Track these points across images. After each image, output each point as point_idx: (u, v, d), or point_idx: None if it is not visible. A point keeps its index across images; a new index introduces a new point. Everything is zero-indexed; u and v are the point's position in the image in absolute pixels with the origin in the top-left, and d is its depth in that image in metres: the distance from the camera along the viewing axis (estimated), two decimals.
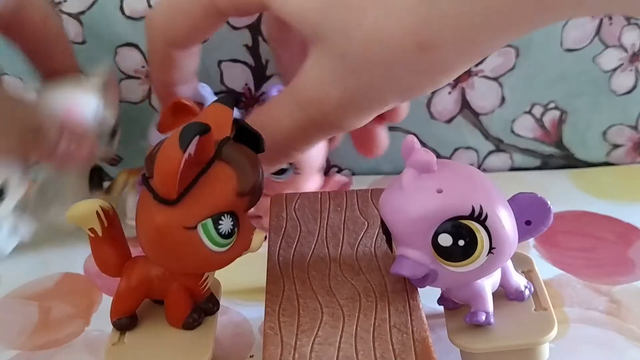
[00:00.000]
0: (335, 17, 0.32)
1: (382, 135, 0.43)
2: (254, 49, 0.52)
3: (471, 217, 0.31)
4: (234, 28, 0.51)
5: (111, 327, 0.35)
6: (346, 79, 0.33)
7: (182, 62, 0.41)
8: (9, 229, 0.46)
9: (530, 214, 0.33)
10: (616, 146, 0.55)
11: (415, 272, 0.32)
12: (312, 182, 0.49)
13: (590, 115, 0.54)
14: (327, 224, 0.40)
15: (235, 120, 0.34)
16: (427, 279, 0.33)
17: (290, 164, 0.46)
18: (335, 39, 0.33)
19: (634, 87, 0.53)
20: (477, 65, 0.51)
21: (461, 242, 0.31)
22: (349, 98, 0.33)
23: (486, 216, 0.31)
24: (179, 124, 0.36)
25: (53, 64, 0.47)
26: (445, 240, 0.31)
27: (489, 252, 0.32)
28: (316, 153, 0.47)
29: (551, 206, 0.34)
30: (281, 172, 0.46)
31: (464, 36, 0.30)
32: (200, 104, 0.42)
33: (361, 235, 0.39)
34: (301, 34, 0.35)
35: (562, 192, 0.53)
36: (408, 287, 0.35)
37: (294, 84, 0.36)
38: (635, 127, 0.54)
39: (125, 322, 0.35)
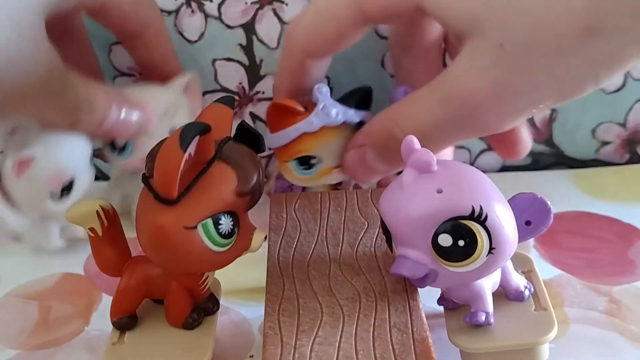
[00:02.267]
0: (497, 6, 0.31)
1: (525, 133, 0.41)
2: (248, 48, 0.52)
3: (471, 217, 0.31)
4: (229, 27, 0.51)
5: (111, 327, 0.35)
6: (500, 72, 0.32)
7: (315, 72, 0.42)
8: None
9: (530, 214, 0.33)
10: (605, 143, 0.56)
11: (415, 272, 0.32)
12: None
13: (580, 113, 0.54)
14: (327, 224, 0.40)
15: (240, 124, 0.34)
16: (427, 279, 0.33)
17: None
18: (494, 28, 0.32)
19: (623, 85, 0.53)
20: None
21: (461, 242, 0.31)
22: (501, 93, 0.32)
23: (486, 216, 0.31)
24: (286, 122, 0.40)
25: (149, 55, 0.47)
26: (445, 240, 0.31)
27: (489, 252, 0.32)
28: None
29: (551, 206, 0.34)
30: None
31: (635, 21, 0.29)
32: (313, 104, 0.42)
33: (361, 235, 0.39)
34: (453, 30, 0.34)
35: (562, 193, 0.53)
36: (408, 287, 0.35)
37: (438, 80, 0.35)
38: (623, 125, 0.55)
39: (125, 321, 0.35)
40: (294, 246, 0.38)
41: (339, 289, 0.35)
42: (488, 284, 0.35)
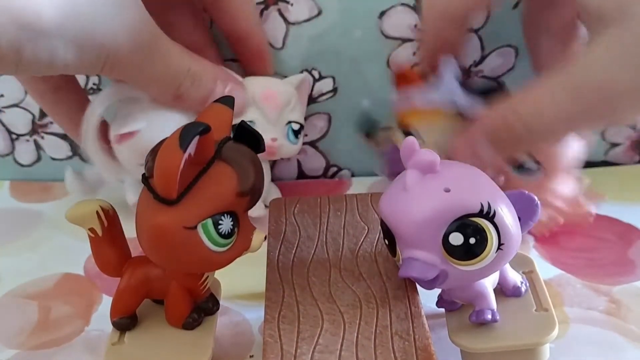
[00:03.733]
0: None
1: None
2: None
3: (480, 214, 0.31)
4: None
5: (111, 327, 0.35)
6: None
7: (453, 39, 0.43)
8: None
9: (519, 210, 0.33)
10: (614, 145, 0.55)
11: (426, 274, 0.32)
12: (561, 184, 0.46)
13: None
14: (327, 228, 0.40)
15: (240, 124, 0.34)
16: (437, 280, 0.33)
17: (538, 162, 0.44)
18: None
19: None
20: (476, 65, 0.51)
21: (472, 240, 0.31)
22: None
23: (494, 213, 0.31)
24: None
25: (248, 57, 0.48)
26: (456, 239, 0.31)
27: (498, 248, 0.32)
28: (565, 151, 0.44)
29: (539, 202, 0.34)
30: (526, 170, 0.44)
31: None
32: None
33: (361, 240, 0.39)
34: (593, 13, 0.33)
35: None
36: (409, 293, 0.34)
37: (567, 68, 0.34)
38: (633, 126, 0.54)
39: (125, 322, 0.35)
40: (294, 251, 0.38)
41: (339, 296, 0.35)
42: (489, 282, 0.35)
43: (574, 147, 0.45)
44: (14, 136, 0.56)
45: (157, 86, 0.41)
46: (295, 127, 0.47)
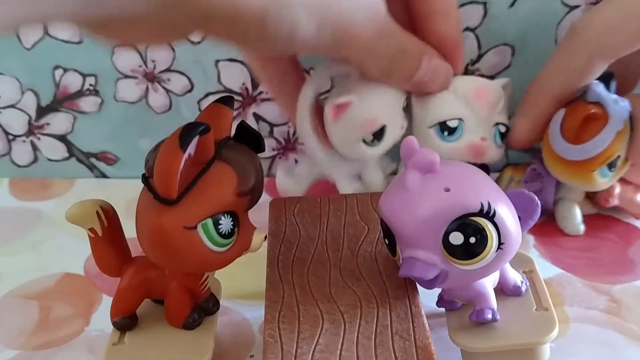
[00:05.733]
0: None
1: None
2: None
3: (480, 213, 0.31)
4: None
5: (111, 327, 0.35)
6: None
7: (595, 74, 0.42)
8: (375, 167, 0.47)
9: (519, 209, 0.33)
10: None
11: (426, 274, 0.32)
12: None
13: None
14: (327, 228, 0.40)
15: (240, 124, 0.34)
16: (437, 280, 0.33)
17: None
18: None
19: None
20: (473, 63, 0.51)
21: (472, 240, 0.31)
22: None
23: (494, 212, 0.31)
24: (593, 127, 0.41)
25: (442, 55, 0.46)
26: (457, 238, 0.31)
27: (498, 247, 0.32)
28: None
29: (539, 201, 0.34)
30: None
31: None
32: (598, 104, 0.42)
33: (361, 240, 0.39)
34: None
35: None
36: (409, 293, 0.34)
37: None
38: None
39: (125, 322, 0.35)
40: (294, 251, 0.38)
41: (339, 295, 0.35)
42: (489, 281, 0.35)
43: None
44: (10, 137, 0.56)
45: (372, 63, 0.40)
46: (502, 129, 0.45)
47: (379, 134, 0.44)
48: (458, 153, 0.44)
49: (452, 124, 0.44)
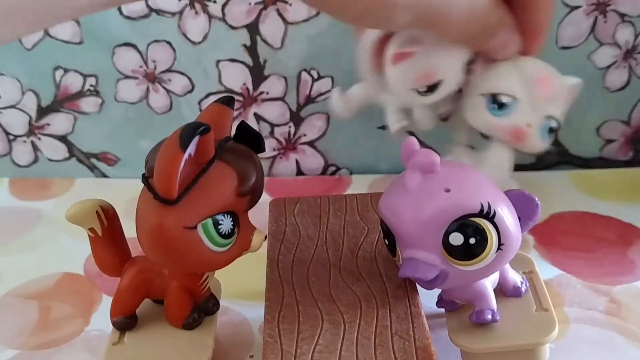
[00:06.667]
0: None
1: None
2: (252, 49, 0.52)
3: (480, 214, 0.31)
4: (232, 28, 0.51)
5: (111, 327, 0.35)
6: None
7: None
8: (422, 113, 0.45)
9: (519, 210, 0.33)
10: (609, 141, 0.56)
11: (426, 274, 0.32)
12: None
13: (585, 111, 0.54)
14: (327, 228, 0.40)
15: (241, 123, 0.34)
16: (437, 281, 0.33)
17: None
18: None
19: (627, 84, 0.53)
20: (474, 63, 0.51)
21: (472, 240, 0.31)
22: None
23: (494, 213, 0.31)
24: None
25: (523, 30, 0.43)
26: (457, 239, 0.31)
27: (498, 248, 0.32)
28: None
29: (539, 202, 0.34)
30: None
31: None
32: None
33: (361, 240, 0.39)
34: None
35: (562, 193, 0.53)
36: (409, 294, 0.34)
37: None
38: (627, 123, 0.55)
39: (125, 321, 0.35)
40: (294, 251, 0.38)
41: (339, 296, 0.35)
42: (489, 282, 0.35)
43: None
44: (11, 137, 0.56)
45: (455, 31, 0.39)
46: (553, 124, 0.43)
47: (433, 87, 0.42)
48: (499, 130, 0.43)
49: (504, 99, 0.43)
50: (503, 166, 0.45)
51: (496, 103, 0.43)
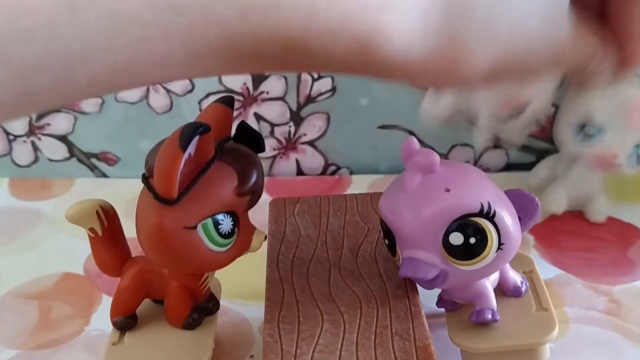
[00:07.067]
0: None
1: None
2: None
3: (480, 214, 0.31)
4: None
5: (111, 327, 0.35)
6: None
7: None
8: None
9: (519, 210, 0.33)
10: None
11: (426, 274, 0.32)
12: None
13: None
14: (327, 228, 0.40)
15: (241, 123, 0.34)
16: (437, 280, 0.33)
17: None
18: None
19: None
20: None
21: (472, 240, 0.31)
22: None
23: (494, 213, 0.31)
24: None
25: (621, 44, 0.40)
26: (457, 239, 0.31)
27: (498, 248, 0.32)
28: None
29: (539, 202, 0.34)
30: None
31: None
32: None
33: (361, 240, 0.39)
34: None
35: None
36: (409, 293, 0.34)
37: None
38: None
39: (125, 321, 0.35)
40: (294, 251, 0.38)
41: (339, 295, 0.35)
42: (489, 282, 0.35)
43: None
44: (11, 137, 0.56)
45: (543, 72, 0.36)
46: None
47: (519, 111, 0.42)
48: (584, 157, 0.43)
49: (589, 131, 0.42)
50: (591, 187, 0.45)
51: (582, 133, 0.43)
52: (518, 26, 0.30)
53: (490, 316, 0.34)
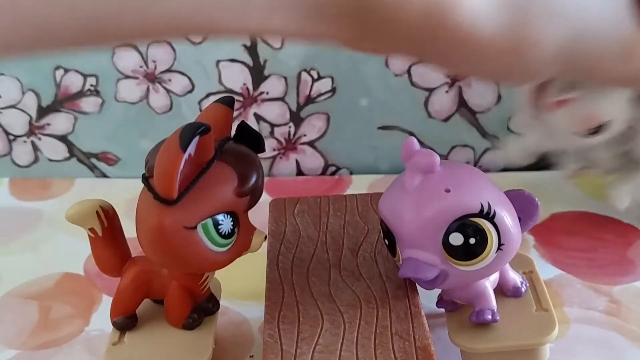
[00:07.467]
0: None
1: None
2: (252, 49, 0.52)
3: (480, 214, 0.31)
4: None
5: (111, 327, 0.35)
6: None
7: None
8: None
9: (519, 210, 0.33)
10: None
11: (426, 274, 0.32)
12: None
13: None
14: (327, 229, 0.40)
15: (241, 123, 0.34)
16: (437, 281, 0.33)
17: None
18: None
19: None
20: None
21: (472, 241, 0.31)
22: None
23: (494, 213, 0.31)
24: None
25: None
26: (457, 239, 0.31)
27: (498, 248, 0.32)
28: None
29: (539, 202, 0.34)
30: None
31: None
32: None
33: (361, 240, 0.39)
34: None
35: (562, 193, 0.53)
36: (409, 293, 0.34)
37: None
38: None
39: (125, 321, 0.35)
40: (294, 252, 0.38)
41: (339, 295, 0.35)
42: (489, 282, 0.35)
43: None
44: (11, 137, 0.56)
45: (612, 73, 0.35)
46: None
47: (599, 128, 0.42)
48: None
49: None
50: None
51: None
52: (585, 6, 0.30)
53: (490, 316, 0.34)
